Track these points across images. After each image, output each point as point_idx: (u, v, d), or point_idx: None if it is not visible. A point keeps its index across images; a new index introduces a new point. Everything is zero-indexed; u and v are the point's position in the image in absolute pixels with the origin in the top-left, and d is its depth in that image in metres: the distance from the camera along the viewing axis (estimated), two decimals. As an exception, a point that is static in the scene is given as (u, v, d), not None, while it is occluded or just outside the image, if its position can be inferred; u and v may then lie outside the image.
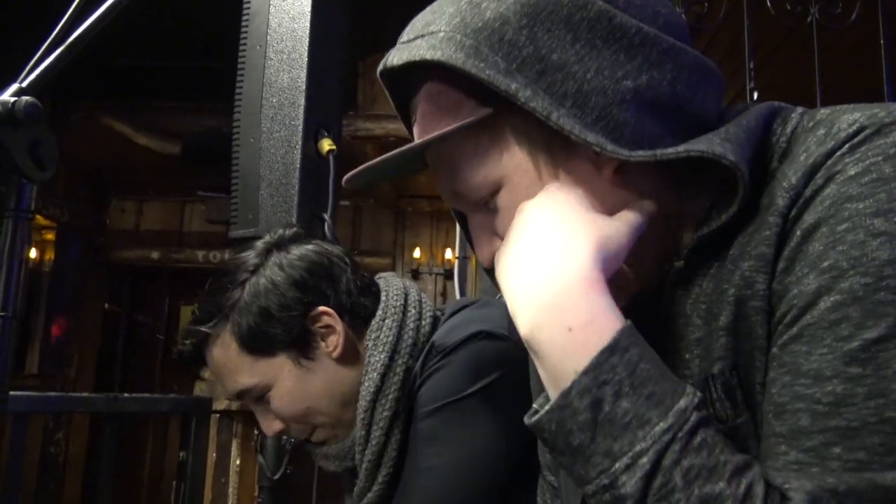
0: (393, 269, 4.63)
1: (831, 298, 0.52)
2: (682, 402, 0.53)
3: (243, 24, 1.53)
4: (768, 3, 2.16)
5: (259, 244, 1.18)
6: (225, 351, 1.15)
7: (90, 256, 4.33)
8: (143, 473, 4.24)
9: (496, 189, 0.65)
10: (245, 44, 1.52)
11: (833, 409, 0.51)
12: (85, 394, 1.76)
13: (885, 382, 0.49)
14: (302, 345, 1.16)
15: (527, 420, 0.58)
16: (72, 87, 3.72)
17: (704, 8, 2.23)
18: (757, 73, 2.25)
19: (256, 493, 1.74)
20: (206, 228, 4.39)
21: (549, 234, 0.59)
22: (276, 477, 1.74)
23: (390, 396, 1.15)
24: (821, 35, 2.15)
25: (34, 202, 0.83)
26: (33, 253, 4.22)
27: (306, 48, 1.47)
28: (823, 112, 0.59)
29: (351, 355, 1.17)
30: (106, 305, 4.54)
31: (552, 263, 0.58)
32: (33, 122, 0.77)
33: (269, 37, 1.49)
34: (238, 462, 1.76)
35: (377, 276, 1.30)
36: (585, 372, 0.53)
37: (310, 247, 1.18)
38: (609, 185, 0.62)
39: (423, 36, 0.64)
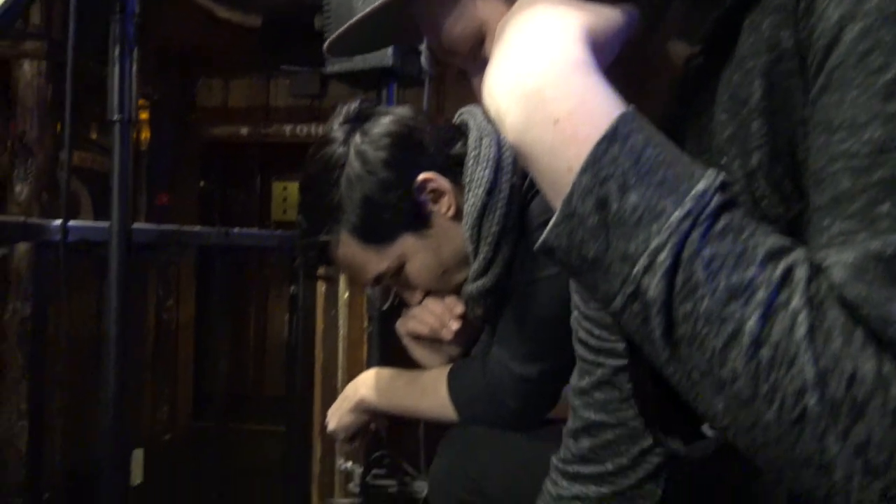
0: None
1: (857, 25, 0.43)
2: (700, 185, 0.45)
3: None
4: None
5: (336, 134, 1.15)
6: (348, 249, 1.16)
7: (183, 134, 4.43)
8: (252, 312, 4.44)
9: (480, 39, 0.59)
10: None
11: (874, 160, 0.42)
12: (198, 227, 1.83)
13: None
14: (417, 218, 1.15)
15: (537, 246, 0.52)
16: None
17: None
18: None
19: (366, 324, 1.79)
20: (293, 103, 4.41)
21: (528, 28, 0.52)
22: (385, 308, 1.79)
23: (498, 212, 1.13)
24: None
25: None
26: (130, 132, 4.33)
27: None
28: None
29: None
30: (201, 183, 4.67)
31: (531, 53, 0.50)
32: None
33: None
34: (346, 295, 1.81)
35: (458, 113, 1.27)
36: (583, 170, 0.46)
37: (385, 119, 1.15)
38: None
39: None
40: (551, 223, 0.48)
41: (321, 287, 1.78)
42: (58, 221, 1.47)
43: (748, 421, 0.43)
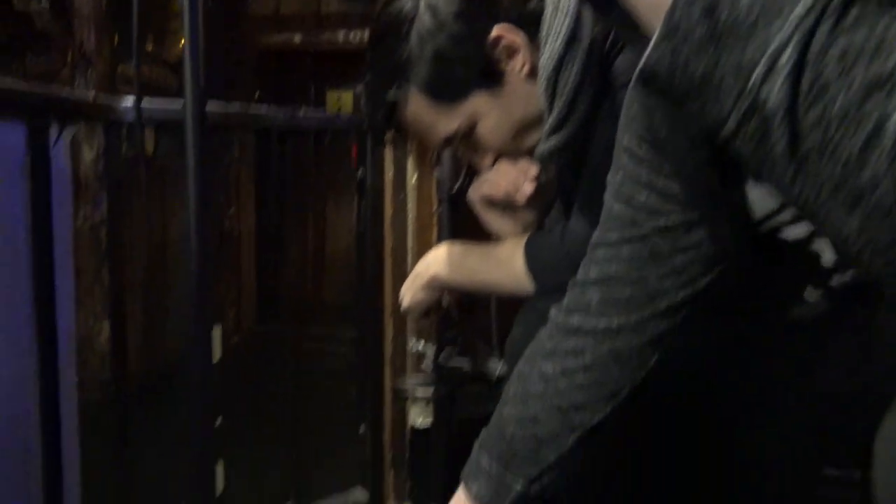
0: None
1: None
2: None
3: None
4: None
5: None
6: (418, 108, 1.10)
7: (237, 43, 4.41)
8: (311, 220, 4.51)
9: None
10: None
11: None
12: (264, 107, 1.82)
13: None
14: (490, 75, 1.10)
15: (636, 75, 0.46)
16: None
17: None
18: None
19: (435, 207, 1.78)
20: (344, 9, 4.33)
21: None
22: (454, 191, 1.78)
23: (576, 65, 1.07)
24: None
25: None
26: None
27: None
28: None
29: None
30: (256, 94, 4.67)
31: None
32: None
33: None
34: (415, 178, 1.79)
35: None
36: None
37: None
38: None
39: None
40: (652, 43, 0.42)
41: (389, 172, 1.76)
42: (129, 101, 1.48)
43: (891, 234, 0.39)
